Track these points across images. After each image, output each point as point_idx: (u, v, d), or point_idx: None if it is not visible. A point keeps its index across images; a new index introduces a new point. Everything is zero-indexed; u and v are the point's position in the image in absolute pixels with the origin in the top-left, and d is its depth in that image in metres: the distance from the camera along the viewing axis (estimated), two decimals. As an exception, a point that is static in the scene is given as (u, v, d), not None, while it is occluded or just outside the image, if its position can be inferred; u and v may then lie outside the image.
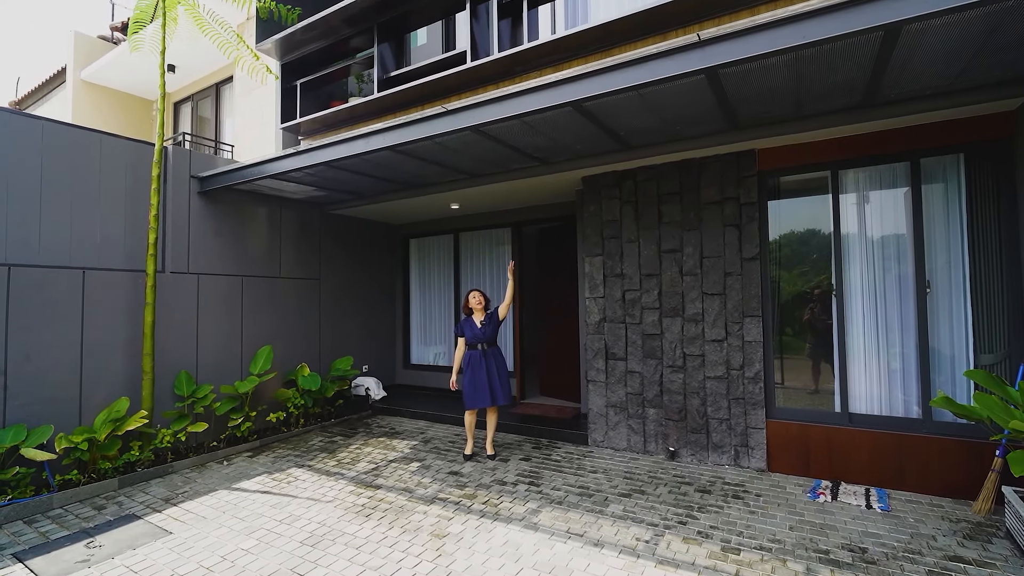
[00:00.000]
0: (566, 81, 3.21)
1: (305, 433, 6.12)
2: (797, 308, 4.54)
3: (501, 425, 5.87)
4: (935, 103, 3.49)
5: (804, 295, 4.50)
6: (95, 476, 4.38)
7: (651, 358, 4.96)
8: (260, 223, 6.28)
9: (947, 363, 4.01)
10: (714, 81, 3.08)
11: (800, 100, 3.56)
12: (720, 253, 4.64)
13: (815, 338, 4.48)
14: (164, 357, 5.20)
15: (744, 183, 4.55)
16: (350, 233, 7.61)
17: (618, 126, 3.95)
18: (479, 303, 4.92)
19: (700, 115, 3.77)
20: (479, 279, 7.70)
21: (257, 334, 6.13)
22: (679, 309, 4.82)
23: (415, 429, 6.19)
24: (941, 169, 4.04)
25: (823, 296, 4.41)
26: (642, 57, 2.95)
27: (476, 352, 4.85)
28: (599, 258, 5.27)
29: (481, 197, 6.41)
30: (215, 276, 5.75)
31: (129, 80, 10.32)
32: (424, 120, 3.81)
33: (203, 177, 5.53)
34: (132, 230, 5.10)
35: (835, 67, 3.01)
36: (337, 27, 6.08)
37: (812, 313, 4.47)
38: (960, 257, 3.95)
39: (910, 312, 4.10)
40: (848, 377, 4.26)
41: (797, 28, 2.56)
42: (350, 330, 7.54)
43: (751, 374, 4.50)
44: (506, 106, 3.46)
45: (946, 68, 3.08)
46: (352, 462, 5.01)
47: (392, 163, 4.85)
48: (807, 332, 4.51)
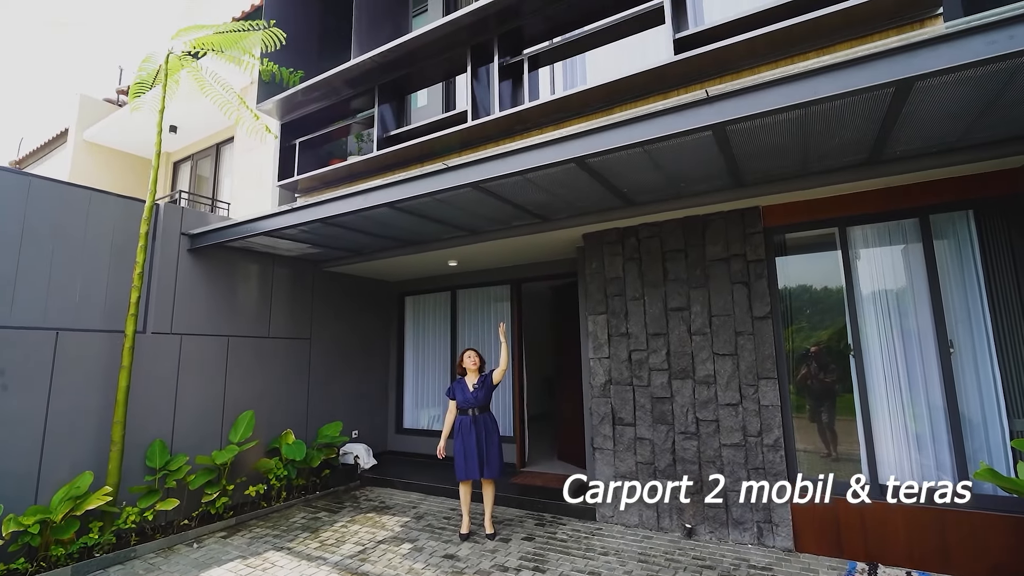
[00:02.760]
0: (571, 137, 3.14)
1: (287, 508, 5.61)
2: (810, 367, 4.31)
3: (501, 498, 5.42)
4: (943, 159, 3.45)
5: (816, 353, 4.29)
6: (45, 564, 3.89)
7: (661, 423, 4.65)
8: (251, 281, 6.08)
9: (979, 429, 3.75)
10: (721, 138, 3.02)
11: (807, 157, 3.52)
12: (729, 311, 4.46)
13: (829, 401, 4.22)
14: (138, 424, 4.82)
15: (750, 240, 4.44)
16: (344, 291, 7.41)
17: (622, 183, 3.87)
18: (474, 364, 4.65)
19: (705, 172, 3.71)
20: (477, 338, 7.44)
21: (241, 398, 5.77)
22: (689, 371, 4.57)
23: (407, 503, 5.71)
24: (951, 225, 3.96)
25: (827, 353, 4.19)
26: (650, 113, 2.89)
27: (467, 418, 4.53)
28: (603, 316, 5.08)
29: (480, 254, 6.29)
30: (199, 336, 5.47)
31: (131, 140, 10.45)
32: (425, 176, 3.72)
33: (194, 234, 5.38)
34: (115, 289, 4.87)
35: (844, 124, 2.96)
36: (339, 88, 6.18)
37: (815, 371, 4.24)
38: (981, 316, 3.79)
39: (934, 374, 3.88)
40: (875, 444, 3.97)
41: (808, 84, 2.50)
42: (340, 392, 7.16)
43: (770, 441, 4.19)
44: (509, 162, 3.37)
45: (954, 124, 3.04)
46: (337, 543, 4.53)
47: (390, 220, 4.74)
48: (822, 394, 4.26)
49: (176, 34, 5.01)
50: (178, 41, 5.11)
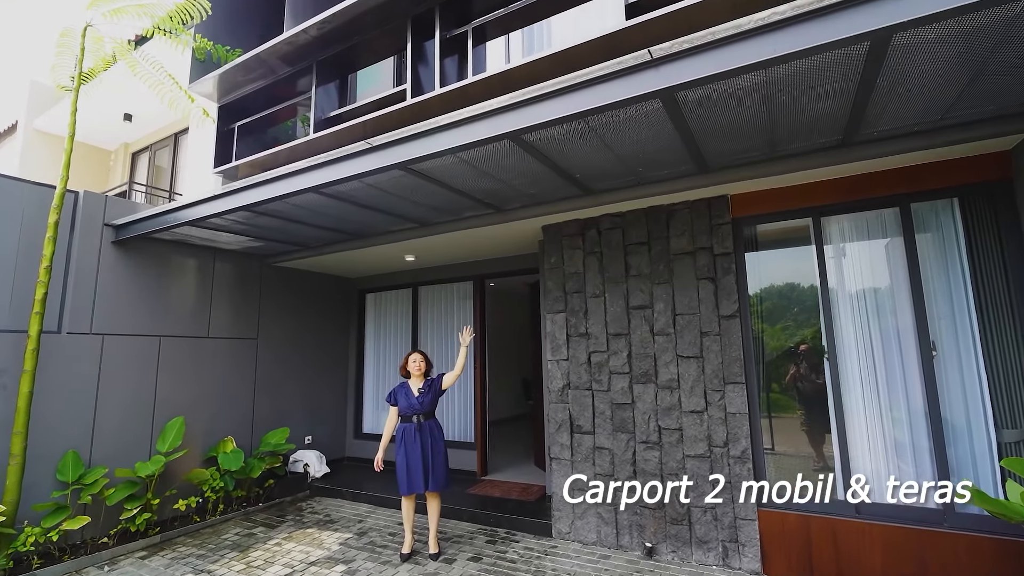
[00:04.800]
0: (502, 110, 2.73)
1: (223, 523, 5.16)
2: (781, 368, 3.95)
3: (454, 511, 5.02)
4: (925, 140, 3.08)
5: (789, 352, 3.93)
6: (-83, 596, 3.44)
7: (622, 432, 4.26)
8: (188, 276, 5.61)
9: (963, 439, 3.40)
10: (672, 109, 2.63)
11: (775, 138, 3.14)
12: (695, 310, 4.08)
13: (805, 406, 3.86)
14: (49, 434, 4.36)
15: (717, 232, 4.07)
16: (297, 287, 6.96)
17: (572, 167, 3.47)
18: (419, 368, 4.23)
19: (663, 154, 3.31)
20: (439, 337, 7.02)
21: (175, 404, 5.31)
22: (651, 374, 4.19)
23: (354, 516, 5.28)
24: (934, 215, 3.60)
25: (809, 353, 3.84)
26: (586, 80, 2.49)
27: (410, 426, 4.11)
28: (561, 315, 4.68)
29: (437, 248, 5.87)
30: (125, 337, 5.00)
31: (85, 129, 9.91)
32: (347, 158, 3.30)
33: (118, 225, 4.91)
34: (23, 286, 4.40)
35: (814, 94, 2.58)
36: (274, 65, 5.71)
37: (798, 372, 3.88)
38: (966, 316, 3.43)
39: (915, 380, 3.52)
40: (850, 459, 3.61)
41: (768, 40, 2.11)
42: (292, 396, 6.71)
43: (737, 452, 3.82)
44: (437, 140, 2.96)
45: (938, 97, 2.67)
46: (264, 565, 4.10)
47: (326, 209, 4.31)
48: (794, 398, 3.90)
49: (92, 3, 4.53)
50: (96, 12, 4.62)
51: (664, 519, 4.00)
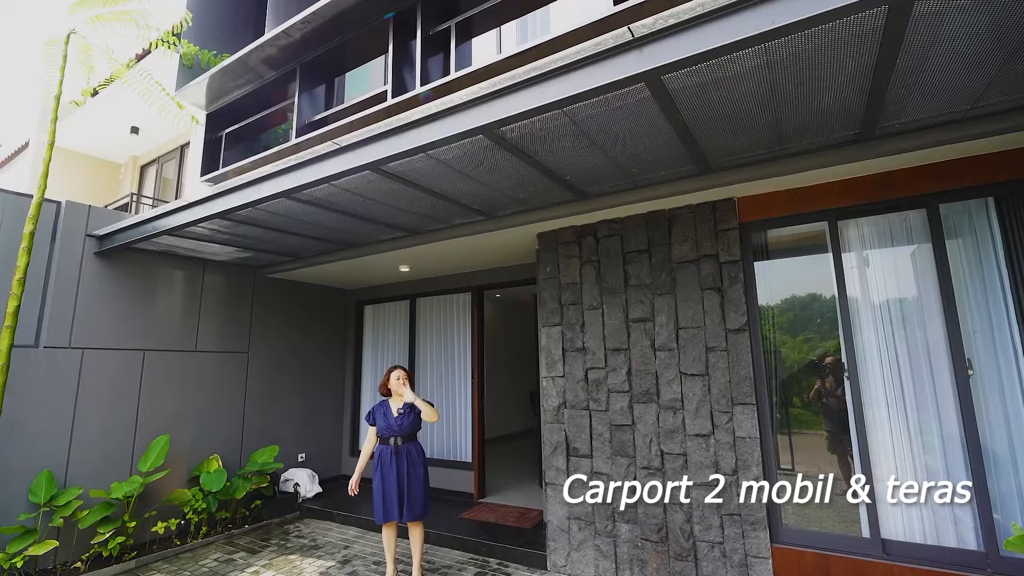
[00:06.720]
0: (472, 103, 2.48)
1: (204, 547, 4.92)
2: (797, 388, 3.58)
3: (444, 538, 4.71)
4: (954, 132, 2.73)
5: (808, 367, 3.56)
6: None
7: (621, 456, 3.92)
8: (175, 289, 5.46)
9: (1007, 471, 2.99)
10: (662, 97, 2.34)
11: (782, 132, 2.82)
12: (699, 323, 3.74)
13: (827, 428, 3.48)
14: (21, 454, 4.19)
15: (723, 237, 3.74)
16: (292, 299, 6.77)
17: (560, 167, 3.20)
18: (402, 385, 3.96)
19: (659, 151, 3.01)
20: (438, 349, 6.75)
21: (159, 421, 5.11)
22: (653, 393, 3.85)
23: (341, 541, 4.99)
24: (966, 217, 3.23)
25: (835, 366, 3.46)
26: (563, 66, 2.22)
27: (387, 448, 3.83)
28: (557, 328, 4.37)
29: (433, 258, 5.63)
30: (107, 351, 4.83)
31: (91, 143, 10.05)
32: (314, 160, 3.08)
33: (100, 236, 4.78)
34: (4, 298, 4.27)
35: (823, 80, 2.27)
36: (260, 70, 5.58)
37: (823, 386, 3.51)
38: (1006, 330, 3.04)
39: (949, 401, 3.13)
40: (876, 491, 3.21)
41: (762, 10, 1.82)
42: (284, 412, 6.48)
43: (748, 481, 3.44)
44: (405, 138, 2.72)
45: (968, 80, 2.34)
46: (236, 596, 3.84)
47: (308, 216, 4.09)
48: (818, 413, 3.52)
49: (72, 9, 4.45)
50: (78, 19, 4.54)
51: (667, 554, 3.63)
